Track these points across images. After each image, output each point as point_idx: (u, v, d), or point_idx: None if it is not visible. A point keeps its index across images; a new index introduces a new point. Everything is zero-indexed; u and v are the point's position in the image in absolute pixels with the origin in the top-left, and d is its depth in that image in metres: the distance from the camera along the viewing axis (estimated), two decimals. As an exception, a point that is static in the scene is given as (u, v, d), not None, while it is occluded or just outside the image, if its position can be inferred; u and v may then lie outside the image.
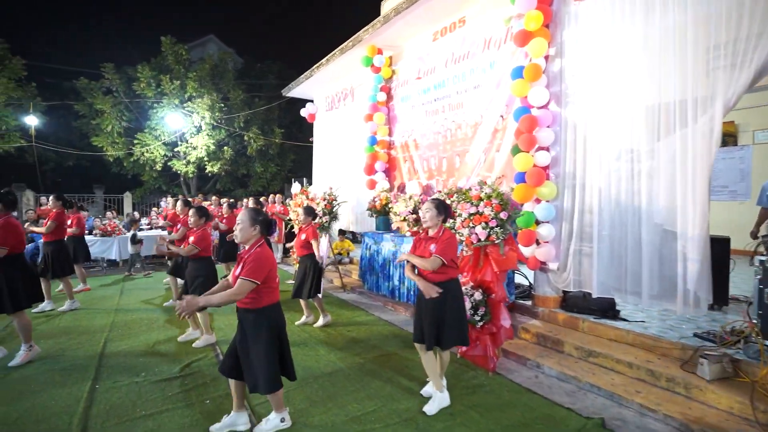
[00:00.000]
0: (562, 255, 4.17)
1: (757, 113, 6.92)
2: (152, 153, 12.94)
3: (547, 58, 4.21)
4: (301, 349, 3.96)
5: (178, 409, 2.79)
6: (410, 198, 5.99)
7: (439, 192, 5.44)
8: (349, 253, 8.38)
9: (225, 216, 7.24)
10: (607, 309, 4.01)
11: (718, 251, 3.51)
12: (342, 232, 9.15)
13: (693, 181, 3.13)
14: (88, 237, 8.05)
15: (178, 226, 5.44)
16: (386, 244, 5.96)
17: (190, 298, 2.14)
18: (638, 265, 3.53)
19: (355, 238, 9.58)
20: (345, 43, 7.08)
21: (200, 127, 12.99)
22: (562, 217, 4.17)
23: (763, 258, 2.72)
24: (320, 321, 4.65)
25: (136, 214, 10.78)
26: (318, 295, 4.61)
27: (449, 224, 4.40)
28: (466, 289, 3.56)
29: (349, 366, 3.56)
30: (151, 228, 10.05)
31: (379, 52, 6.90)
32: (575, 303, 4.20)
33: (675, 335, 3.40)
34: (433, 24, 5.99)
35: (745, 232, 4.75)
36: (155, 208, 11.78)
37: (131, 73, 13.19)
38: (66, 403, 2.85)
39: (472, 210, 3.66)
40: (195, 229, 3.89)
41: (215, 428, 2.45)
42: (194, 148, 13.13)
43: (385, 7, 8.87)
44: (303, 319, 4.80)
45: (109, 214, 9.14)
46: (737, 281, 4.74)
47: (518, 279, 4.91)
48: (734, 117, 7.06)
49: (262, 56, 18.78)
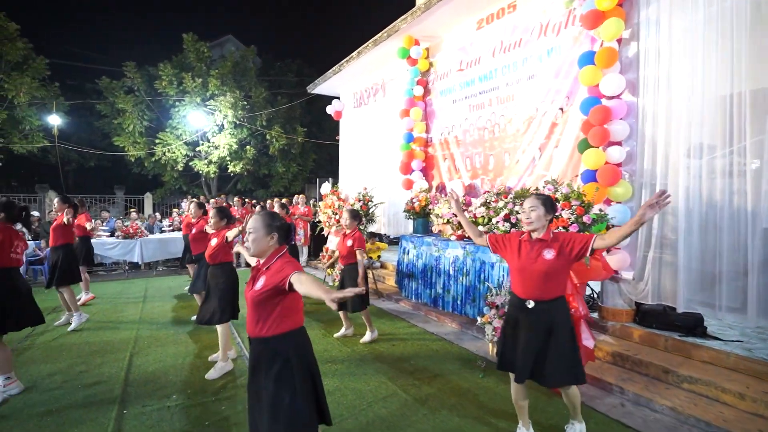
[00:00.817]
0: (638, 263, 3.79)
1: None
2: (173, 153, 12.96)
3: (619, 41, 3.84)
4: (345, 367, 3.68)
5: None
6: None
7: (487, 192, 5.11)
8: (380, 257, 8.09)
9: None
10: (694, 325, 3.60)
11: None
12: (372, 234, 8.87)
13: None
14: (111, 239, 8.01)
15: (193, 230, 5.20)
16: (428, 249, 5.63)
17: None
18: (740, 276, 3.12)
19: (381, 240, 9.27)
20: (379, 34, 6.81)
21: (222, 125, 12.93)
22: (638, 221, 3.77)
23: None
24: (367, 336, 4.36)
25: (158, 214, 10.73)
26: (365, 309, 4.32)
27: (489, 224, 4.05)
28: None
29: (405, 389, 3.25)
30: (173, 229, 9.99)
31: (416, 43, 6.59)
32: (654, 317, 3.80)
33: (790, 359, 2.97)
34: (478, 11, 5.66)
35: None
36: (176, 209, 11.76)
37: (153, 72, 13.26)
38: (94, 432, 2.62)
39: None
40: (216, 231, 3.68)
41: None
42: (216, 148, 13.09)
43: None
44: (342, 331, 4.53)
45: (133, 214, 9.08)
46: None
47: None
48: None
49: (280, 55, 18.81)
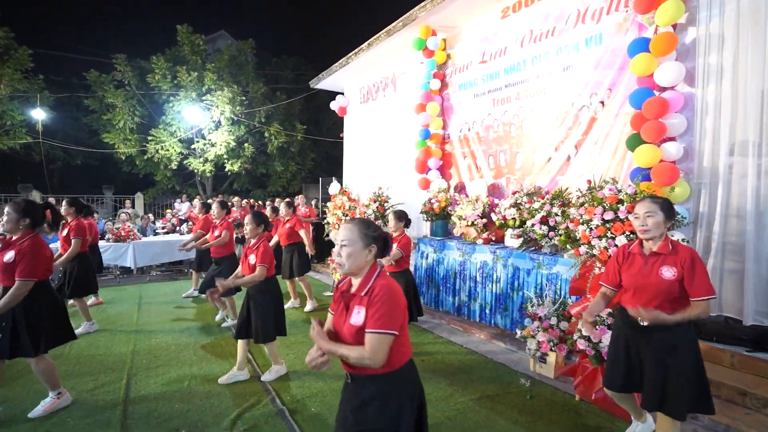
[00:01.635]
0: (696, 270, 3.47)
1: None
2: (167, 150, 12.44)
3: (674, 27, 3.53)
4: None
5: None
6: (477, 199, 5.33)
7: (516, 193, 4.79)
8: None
9: (287, 219, 6.68)
10: (761, 339, 3.29)
11: None
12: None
13: None
14: (101, 242, 7.52)
15: (216, 232, 4.86)
16: (450, 253, 5.30)
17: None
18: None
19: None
20: (393, 23, 6.46)
21: (219, 122, 12.45)
22: (696, 224, 3.48)
23: None
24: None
25: (151, 215, 10.25)
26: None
27: (533, 228, 3.66)
28: (602, 318, 2.87)
29: (449, 416, 2.89)
30: (167, 231, 9.52)
31: (433, 33, 6.26)
32: (713, 330, 3.49)
33: None
34: (504, -1, 5.34)
35: None
36: (169, 210, 11.26)
37: (144, 65, 12.74)
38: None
39: (609, 216, 2.96)
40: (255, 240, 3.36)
41: None
42: (213, 145, 12.60)
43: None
44: None
45: (123, 215, 8.59)
46: None
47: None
48: None
49: (276, 52, 18.31)
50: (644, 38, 3.58)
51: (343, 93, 9.99)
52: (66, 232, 4.47)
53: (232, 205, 8.57)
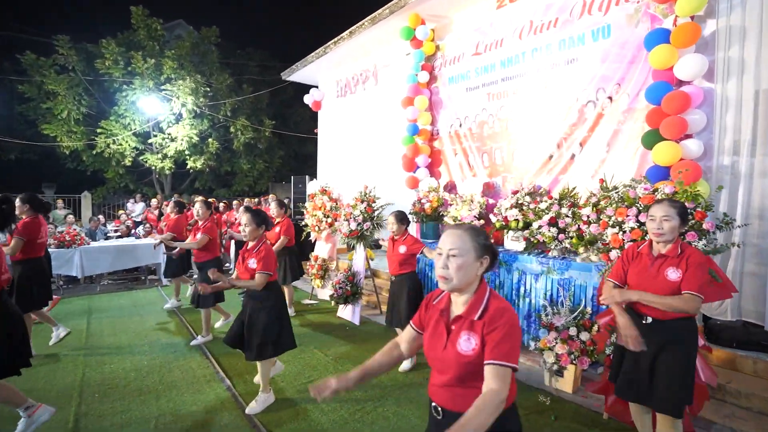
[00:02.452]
0: (715, 274, 3.31)
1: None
2: (119, 145, 11.24)
3: (691, 18, 3.36)
4: (393, 403, 2.88)
5: None
6: (471, 200, 5.02)
7: (515, 193, 4.52)
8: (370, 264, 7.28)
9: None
10: (782, 344, 3.17)
11: None
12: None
13: None
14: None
15: (198, 235, 4.31)
16: (446, 257, 4.93)
17: None
18: None
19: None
20: (379, 10, 6.05)
21: (180, 114, 11.42)
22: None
23: None
24: (406, 364, 3.63)
25: (101, 217, 9.19)
26: None
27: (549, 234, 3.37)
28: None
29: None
30: (120, 235, 8.54)
31: (422, 22, 5.90)
32: (732, 336, 3.35)
33: None
34: (501, -13, 5.06)
35: None
36: (122, 211, 10.18)
37: (93, 50, 11.44)
38: None
39: (644, 218, 2.68)
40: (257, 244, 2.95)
41: None
42: (173, 140, 11.53)
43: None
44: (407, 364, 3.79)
45: (70, 217, 7.59)
46: None
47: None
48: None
49: (241, 44, 17.34)
50: (663, 29, 3.39)
51: (317, 86, 9.43)
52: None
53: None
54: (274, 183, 16.44)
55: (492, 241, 1.54)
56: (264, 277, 2.80)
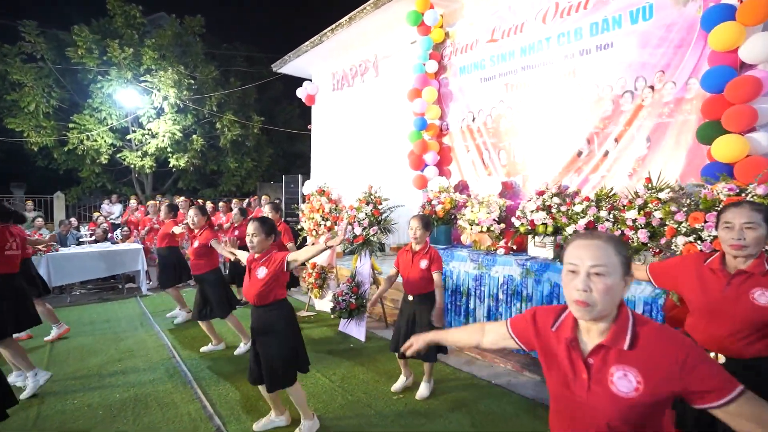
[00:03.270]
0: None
1: None
2: (95, 141, 10.43)
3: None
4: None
5: None
6: (489, 200, 4.56)
7: (541, 194, 4.07)
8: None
9: (236, 225, 5.68)
10: None
11: None
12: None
13: None
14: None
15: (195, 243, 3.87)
16: (461, 265, 4.47)
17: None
18: None
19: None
20: (384, -7, 5.51)
21: (162, 109, 10.66)
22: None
23: None
24: (424, 389, 3.16)
25: (73, 220, 8.45)
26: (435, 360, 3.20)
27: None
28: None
29: None
30: (95, 239, 7.83)
31: (431, 6, 5.40)
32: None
33: None
34: (521, -34, 4.60)
35: None
36: (98, 213, 9.42)
37: (65, 37, 10.60)
38: None
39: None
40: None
41: None
42: (153, 136, 10.77)
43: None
44: (401, 382, 3.28)
45: (38, 221, 6.88)
46: None
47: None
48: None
49: (226, 38, 16.60)
50: (727, 4, 2.96)
51: (310, 79, 8.87)
52: None
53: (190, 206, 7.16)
54: (262, 183, 15.76)
55: (515, 247, 1.33)
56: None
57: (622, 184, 3.80)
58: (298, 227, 6.08)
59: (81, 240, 7.69)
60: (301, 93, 8.65)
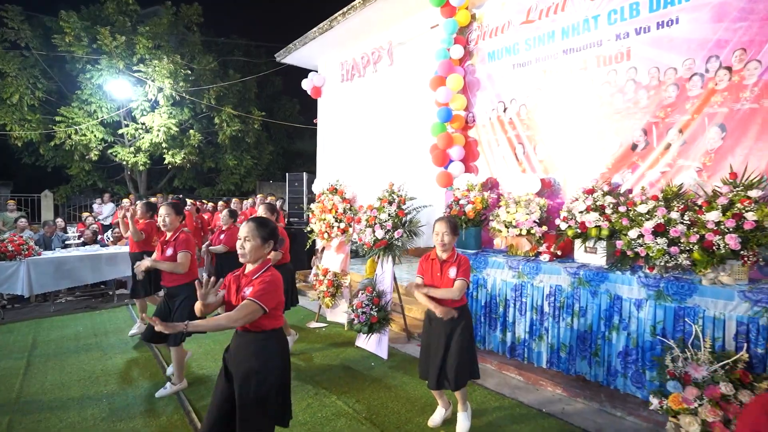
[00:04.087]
0: None
1: None
2: (84, 136, 9.85)
3: None
4: None
5: None
6: (527, 200, 4.09)
7: (590, 192, 3.62)
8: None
9: (224, 228, 5.03)
10: None
11: None
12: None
13: None
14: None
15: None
16: (496, 273, 4.00)
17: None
18: None
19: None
20: (404, -30, 5.03)
21: (156, 101, 10.11)
22: None
23: None
24: (464, 422, 2.69)
25: (60, 221, 7.90)
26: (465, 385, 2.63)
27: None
28: None
29: None
30: (84, 242, 7.30)
31: (455, -15, 4.93)
32: None
33: None
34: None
35: None
36: (87, 213, 8.86)
37: (51, 24, 10.03)
38: None
39: None
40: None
41: None
42: (148, 131, 10.21)
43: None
44: (439, 415, 2.82)
45: (21, 221, 6.36)
46: None
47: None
48: None
49: (222, 32, 16.08)
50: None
51: (315, 70, 8.38)
52: None
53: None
54: (261, 182, 15.22)
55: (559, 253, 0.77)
56: (258, 312, 1.82)
57: (688, 181, 3.34)
58: (307, 229, 5.58)
59: (67, 243, 7.16)
60: (306, 85, 8.15)
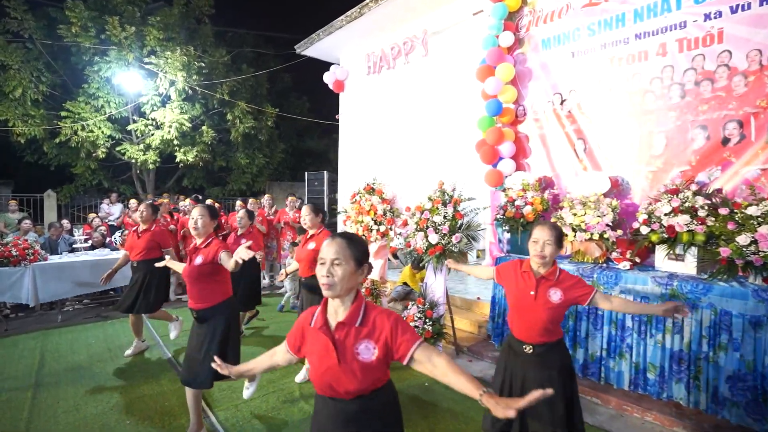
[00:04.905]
0: None
1: None
2: (91, 132, 9.46)
3: None
4: None
5: None
6: (598, 200, 3.71)
7: (674, 192, 3.26)
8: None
9: (241, 232, 4.65)
10: None
11: None
12: (395, 256, 6.66)
13: None
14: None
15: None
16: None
17: None
18: None
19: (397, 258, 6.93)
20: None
21: (168, 96, 9.72)
22: None
23: None
24: None
25: (66, 222, 7.52)
26: None
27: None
28: None
29: None
30: (92, 245, 6.92)
31: (504, -34, 4.57)
32: None
33: None
34: None
35: None
36: (94, 215, 8.48)
37: (55, 14, 9.64)
38: None
39: None
40: None
41: None
42: (158, 127, 9.82)
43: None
44: None
45: (25, 223, 5.99)
46: None
47: None
48: None
49: (233, 25, 15.77)
50: None
51: (337, 63, 8.01)
52: None
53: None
54: (271, 182, 14.85)
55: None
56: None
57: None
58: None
59: (75, 246, 6.77)
60: (328, 78, 7.79)
